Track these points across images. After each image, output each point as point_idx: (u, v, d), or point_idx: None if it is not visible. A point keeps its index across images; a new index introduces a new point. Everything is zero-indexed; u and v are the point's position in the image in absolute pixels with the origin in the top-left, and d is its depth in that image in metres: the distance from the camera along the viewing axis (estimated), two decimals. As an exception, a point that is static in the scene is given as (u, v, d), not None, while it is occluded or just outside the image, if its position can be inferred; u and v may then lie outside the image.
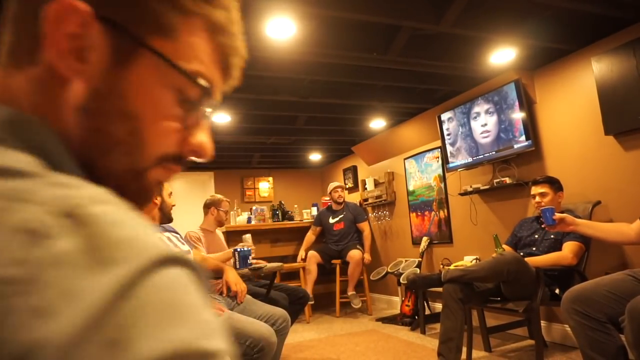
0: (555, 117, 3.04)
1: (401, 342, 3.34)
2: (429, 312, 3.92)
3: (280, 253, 5.19)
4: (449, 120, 3.71)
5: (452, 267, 2.84)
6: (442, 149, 3.86)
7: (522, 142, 3.10)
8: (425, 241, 4.21)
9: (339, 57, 2.76)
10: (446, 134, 3.74)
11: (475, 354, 2.81)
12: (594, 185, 2.77)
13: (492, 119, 3.32)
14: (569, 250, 2.45)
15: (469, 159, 3.55)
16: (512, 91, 3.12)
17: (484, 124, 3.39)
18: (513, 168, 3.31)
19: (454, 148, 3.69)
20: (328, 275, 4.73)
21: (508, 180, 3.28)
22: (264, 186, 6.28)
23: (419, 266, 4.10)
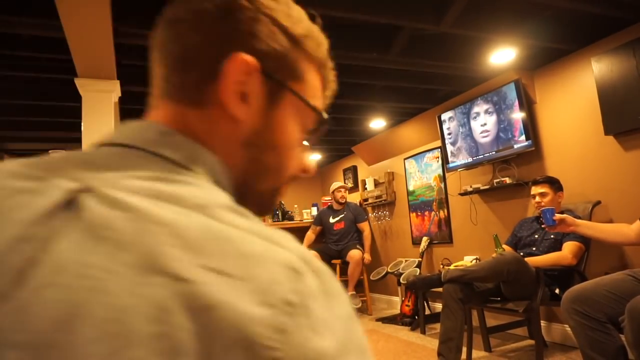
0: (555, 117, 3.04)
1: (401, 342, 3.34)
2: (429, 312, 3.92)
3: (281, 253, 5.18)
4: (449, 120, 3.71)
5: (452, 267, 2.84)
6: (442, 149, 3.86)
7: (522, 142, 3.10)
8: (425, 241, 4.21)
9: (339, 57, 2.76)
10: (447, 133, 3.75)
11: (475, 354, 2.81)
12: (594, 185, 2.77)
13: (492, 119, 3.32)
14: (569, 250, 2.46)
15: (469, 159, 3.55)
16: (512, 91, 3.12)
17: (484, 123, 3.39)
18: (513, 168, 3.31)
19: (454, 148, 3.69)
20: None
21: (508, 180, 3.28)
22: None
23: (419, 266, 4.10)
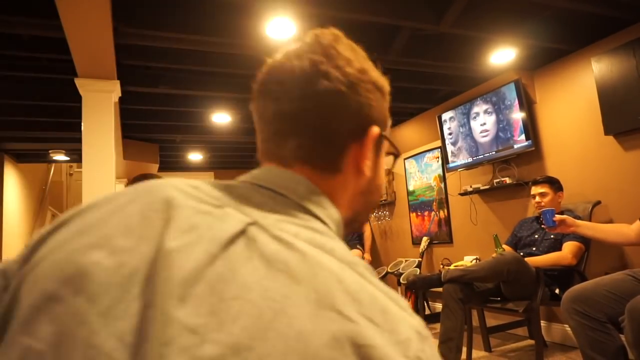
0: (555, 117, 3.04)
1: (401, 342, 3.34)
2: (429, 312, 3.92)
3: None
4: (450, 119, 3.71)
5: (452, 267, 2.84)
6: (442, 149, 3.86)
7: (522, 142, 3.10)
8: (425, 241, 4.21)
9: (339, 57, 2.76)
10: (447, 133, 3.75)
11: (475, 354, 2.81)
12: (594, 186, 2.77)
13: (491, 119, 3.32)
14: (569, 250, 2.45)
15: (469, 158, 3.55)
16: (512, 91, 3.12)
17: (483, 123, 3.39)
18: (513, 168, 3.31)
19: (455, 147, 3.69)
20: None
21: (508, 180, 3.28)
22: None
23: (419, 266, 4.10)
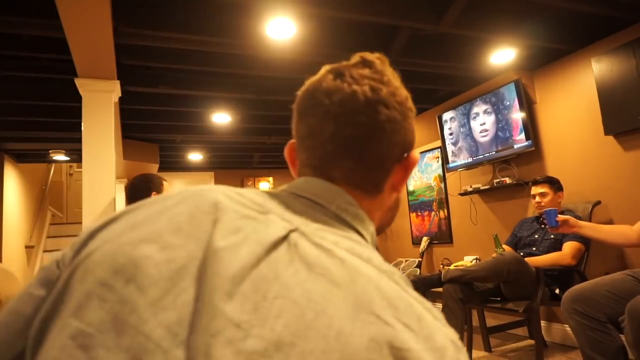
0: (555, 117, 3.04)
1: (401, 342, 3.34)
2: (429, 312, 3.92)
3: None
4: (451, 119, 3.71)
5: (452, 267, 2.84)
6: (442, 149, 3.86)
7: (522, 142, 3.10)
8: (425, 241, 4.21)
9: (339, 57, 2.73)
10: (448, 133, 3.75)
11: (475, 354, 2.81)
12: (593, 185, 2.77)
13: (491, 119, 3.32)
14: (569, 250, 2.45)
15: (469, 158, 3.55)
16: (512, 91, 3.12)
17: (483, 123, 3.39)
18: (513, 168, 3.31)
19: (456, 147, 3.69)
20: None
21: (508, 180, 3.28)
22: (264, 186, 6.28)
23: (419, 266, 4.10)
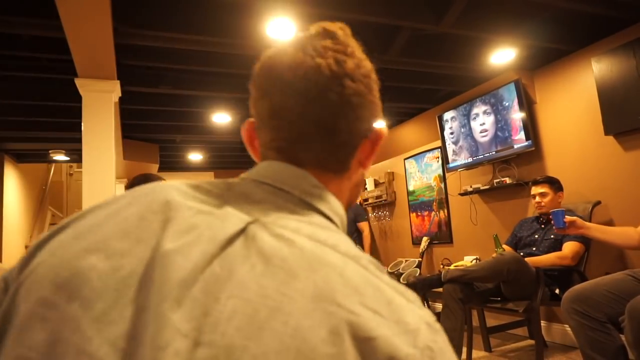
0: (555, 117, 3.04)
1: (401, 342, 3.34)
2: (429, 312, 3.92)
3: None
4: (452, 119, 3.71)
5: (452, 267, 2.84)
6: (442, 149, 3.86)
7: (522, 142, 3.10)
8: (425, 241, 4.21)
9: (339, 57, 2.76)
10: (449, 133, 3.75)
11: (475, 354, 2.81)
12: (593, 185, 2.77)
13: (491, 119, 3.32)
14: (569, 250, 2.45)
15: (469, 158, 3.55)
16: (512, 91, 3.12)
17: (483, 123, 3.39)
18: (513, 168, 3.31)
19: (457, 147, 3.69)
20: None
21: (508, 180, 3.28)
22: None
23: (419, 266, 4.10)
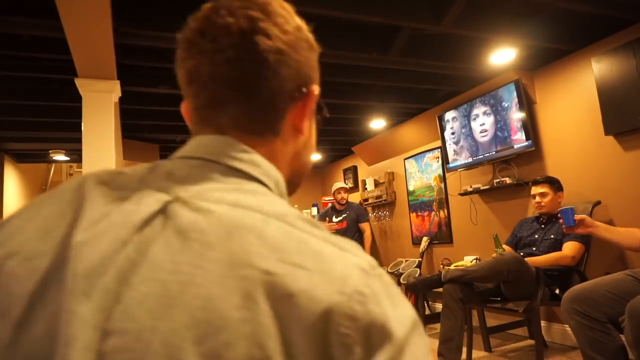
0: (555, 117, 3.04)
1: (401, 342, 3.34)
2: (429, 312, 3.92)
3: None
4: (453, 119, 3.71)
5: (452, 267, 2.84)
6: (442, 149, 3.86)
7: (522, 142, 3.10)
8: (425, 241, 4.21)
9: (339, 57, 2.76)
10: (450, 133, 3.74)
11: (475, 354, 2.81)
12: (593, 185, 2.77)
13: (491, 119, 3.32)
14: (569, 250, 2.46)
15: (470, 158, 3.55)
16: (512, 91, 3.12)
17: (482, 123, 3.39)
18: (513, 168, 3.31)
19: (457, 147, 3.69)
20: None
21: (508, 180, 3.28)
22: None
23: (419, 266, 4.10)
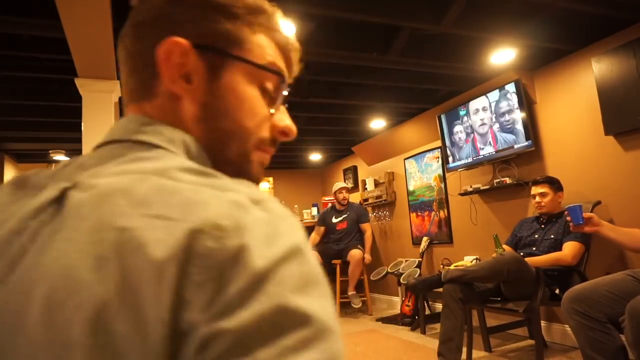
0: (555, 117, 3.04)
1: (401, 342, 3.34)
2: (429, 312, 3.92)
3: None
4: (453, 119, 3.71)
5: (452, 267, 2.84)
6: (442, 149, 3.86)
7: (522, 142, 3.10)
8: (425, 241, 4.21)
9: (339, 57, 2.76)
10: (450, 132, 3.74)
11: (475, 354, 2.81)
12: (593, 185, 2.77)
13: (491, 119, 3.32)
14: (569, 250, 2.46)
15: (470, 158, 3.55)
16: (512, 91, 3.12)
17: (483, 123, 3.39)
18: (513, 168, 3.31)
19: (457, 146, 3.69)
20: (328, 276, 4.68)
21: (508, 180, 3.28)
22: (264, 186, 6.28)
23: (419, 266, 4.10)
